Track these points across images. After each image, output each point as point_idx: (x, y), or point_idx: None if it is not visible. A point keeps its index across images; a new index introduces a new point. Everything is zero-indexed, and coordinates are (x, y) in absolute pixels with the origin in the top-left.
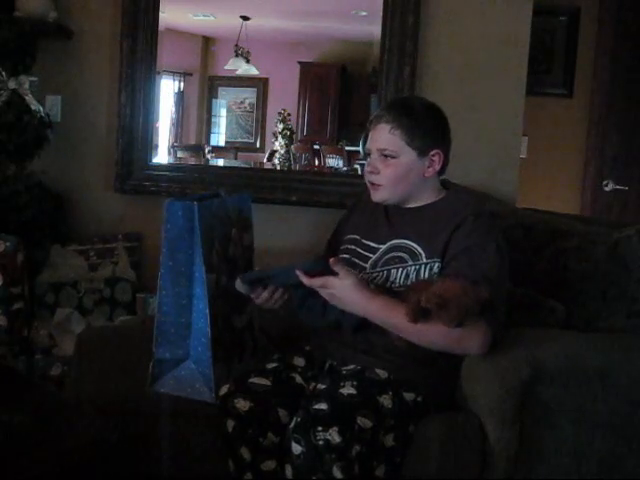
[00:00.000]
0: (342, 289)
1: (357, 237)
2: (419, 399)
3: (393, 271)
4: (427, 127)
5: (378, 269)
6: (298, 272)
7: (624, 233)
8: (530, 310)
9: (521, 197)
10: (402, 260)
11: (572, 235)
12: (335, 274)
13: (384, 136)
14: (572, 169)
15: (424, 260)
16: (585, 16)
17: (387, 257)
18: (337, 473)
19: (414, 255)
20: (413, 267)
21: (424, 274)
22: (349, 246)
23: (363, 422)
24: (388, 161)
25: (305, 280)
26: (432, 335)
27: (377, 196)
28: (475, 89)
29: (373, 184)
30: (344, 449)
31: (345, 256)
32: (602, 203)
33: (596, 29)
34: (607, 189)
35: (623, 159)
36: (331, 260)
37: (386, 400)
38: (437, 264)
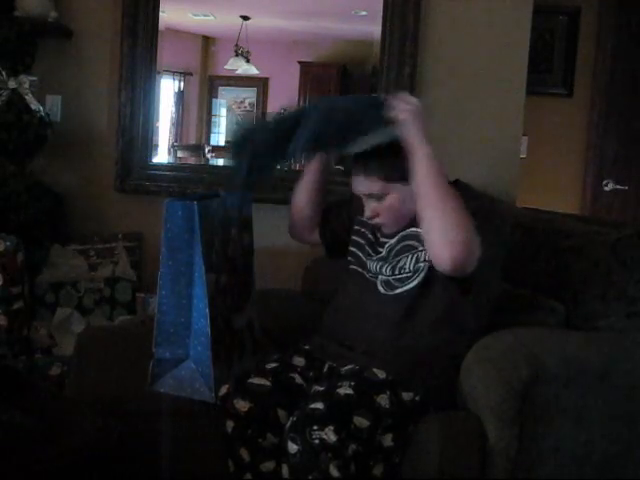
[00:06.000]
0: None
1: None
2: (417, 398)
3: (404, 259)
4: (396, 156)
5: (389, 260)
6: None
7: (624, 233)
8: (530, 310)
9: (521, 197)
10: (412, 247)
11: (572, 235)
12: None
13: (363, 184)
14: (572, 169)
15: None
16: (585, 16)
17: (398, 247)
18: (333, 472)
19: (422, 241)
20: (423, 252)
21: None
22: (362, 229)
23: (359, 421)
24: (380, 201)
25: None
26: (454, 210)
27: (386, 231)
28: (475, 89)
29: (377, 223)
30: (340, 448)
31: (358, 239)
32: (602, 203)
33: (596, 29)
34: (607, 189)
35: (623, 159)
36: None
37: (383, 400)
38: None
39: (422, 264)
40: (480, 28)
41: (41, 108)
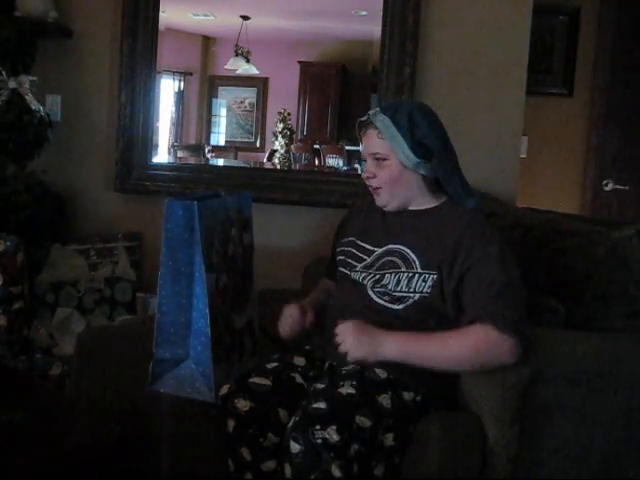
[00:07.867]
0: (350, 330)
1: (352, 239)
2: (418, 399)
3: (387, 275)
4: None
5: (372, 271)
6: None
7: (624, 233)
8: (530, 310)
9: (521, 197)
10: (395, 265)
11: (572, 235)
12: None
13: (373, 141)
14: (572, 169)
15: (418, 269)
16: (585, 16)
17: (382, 261)
18: (336, 472)
19: (408, 262)
20: (405, 274)
21: (416, 284)
22: (345, 248)
23: (362, 421)
24: (381, 164)
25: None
26: (462, 351)
27: (380, 200)
28: (475, 89)
29: (373, 188)
30: (342, 448)
31: (341, 257)
32: (602, 203)
33: (596, 29)
34: (607, 189)
35: (623, 159)
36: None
37: (385, 400)
38: (432, 277)
39: (412, 294)
40: (480, 28)
41: (41, 108)
